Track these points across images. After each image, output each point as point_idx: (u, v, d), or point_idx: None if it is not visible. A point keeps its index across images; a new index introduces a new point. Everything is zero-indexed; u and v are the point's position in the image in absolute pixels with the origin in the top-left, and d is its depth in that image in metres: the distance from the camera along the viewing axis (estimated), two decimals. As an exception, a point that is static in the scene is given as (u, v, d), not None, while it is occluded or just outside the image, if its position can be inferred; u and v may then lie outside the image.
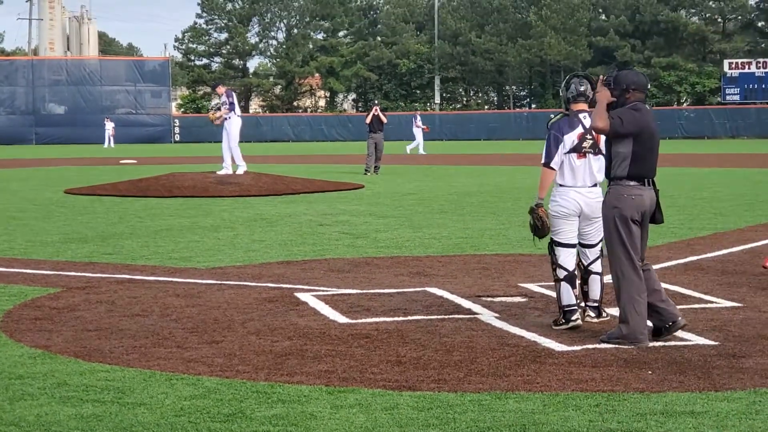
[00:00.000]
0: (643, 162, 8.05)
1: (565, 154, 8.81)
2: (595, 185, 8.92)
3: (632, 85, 8.12)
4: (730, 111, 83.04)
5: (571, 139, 8.83)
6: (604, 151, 8.63)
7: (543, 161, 8.93)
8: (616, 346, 7.98)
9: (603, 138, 8.59)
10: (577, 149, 8.80)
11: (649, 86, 8.19)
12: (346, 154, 51.43)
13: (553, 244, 8.97)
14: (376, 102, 38.14)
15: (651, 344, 8.03)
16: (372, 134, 33.73)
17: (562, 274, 8.88)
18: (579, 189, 8.84)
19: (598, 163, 8.84)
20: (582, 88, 8.96)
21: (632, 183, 8.06)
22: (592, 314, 9.06)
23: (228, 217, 18.79)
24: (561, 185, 8.90)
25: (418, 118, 57.55)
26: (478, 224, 17.44)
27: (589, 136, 8.82)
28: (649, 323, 8.20)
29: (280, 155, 53.73)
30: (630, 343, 7.96)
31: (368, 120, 34.22)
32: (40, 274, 12.00)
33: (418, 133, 55.39)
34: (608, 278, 8.58)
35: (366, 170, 33.27)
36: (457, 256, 13.46)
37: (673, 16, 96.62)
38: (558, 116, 9.06)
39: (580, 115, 8.90)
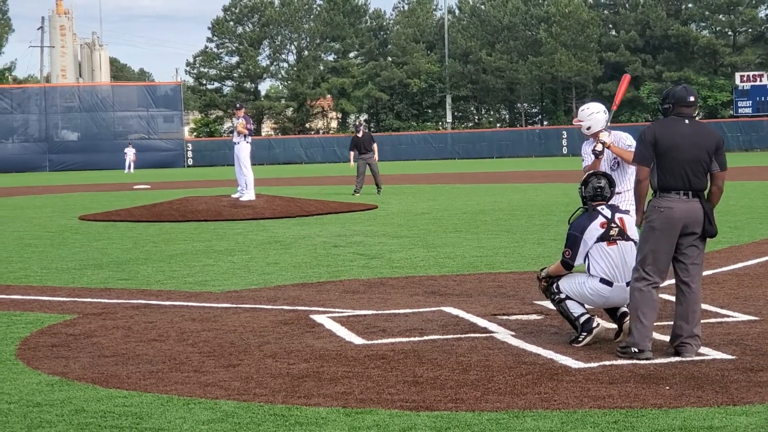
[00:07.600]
0: (667, 173, 8.10)
1: (595, 243, 8.80)
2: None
3: (671, 99, 8.29)
4: (743, 124, 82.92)
5: (595, 229, 8.81)
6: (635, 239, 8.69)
7: (563, 257, 8.93)
8: (629, 360, 8.00)
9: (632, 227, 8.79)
10: (605, 237, 8.79)
11: (690, 100, 8.22)
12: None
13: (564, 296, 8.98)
14: (359, 123, 37.98)
15: (668, 360, 8.03)
16: (361, 155, 33.89)
17: (563, 295, 8.91)
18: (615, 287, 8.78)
19: (633, 254, 8.76)
20: (600, 184, 9.05)
21: (664, 195, 8.13)
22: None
23: (242, 241, 18.81)
24: (592, 275, 8.85)
25: None
26: (492, 242, 17.43)
27: (613, 224, 8.83)
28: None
29: (293, 177, 53.80)
30: (632, 355, 8.02)
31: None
32: (56, 300, 12.03)
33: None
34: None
35: (354, 191, 33.27)
36: (472, 275, 13.45)
37: (684, 30, 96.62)
38: (577, 211, 9.13)
39: (599, 208, 8.95)
